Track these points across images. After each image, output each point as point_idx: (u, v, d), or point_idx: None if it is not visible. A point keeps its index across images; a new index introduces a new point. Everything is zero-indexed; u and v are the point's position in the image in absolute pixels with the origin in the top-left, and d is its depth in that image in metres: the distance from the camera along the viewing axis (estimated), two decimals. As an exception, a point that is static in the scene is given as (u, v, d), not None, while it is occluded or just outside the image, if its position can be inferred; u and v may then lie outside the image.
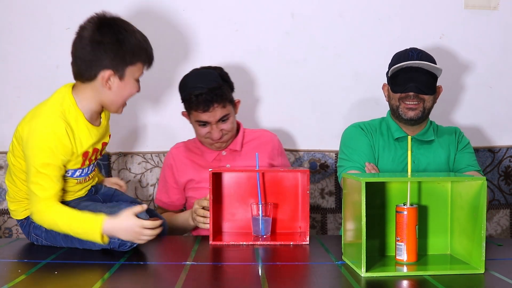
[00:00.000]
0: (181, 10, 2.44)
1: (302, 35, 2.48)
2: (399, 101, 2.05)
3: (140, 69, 1.72)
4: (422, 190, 1.57)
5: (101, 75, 1.65)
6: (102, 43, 1.63)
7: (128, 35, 1.66)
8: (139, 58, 1.69)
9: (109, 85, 1.66)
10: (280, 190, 1.87)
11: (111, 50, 1.63)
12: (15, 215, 1.78)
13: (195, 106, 1.98)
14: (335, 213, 2.51)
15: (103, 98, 1.69)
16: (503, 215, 2.56)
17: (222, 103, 1.99)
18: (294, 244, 1.72)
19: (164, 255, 1.70)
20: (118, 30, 1.65)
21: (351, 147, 2.10)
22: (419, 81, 2.00)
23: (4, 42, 2.40)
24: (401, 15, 2.49)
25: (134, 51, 1.67)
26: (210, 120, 2.00)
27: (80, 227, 1.61)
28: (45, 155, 1.61)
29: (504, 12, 2.51)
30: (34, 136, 1.62)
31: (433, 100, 2.07)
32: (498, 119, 2.56)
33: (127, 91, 1.71)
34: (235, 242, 1.75)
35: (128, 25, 1.69)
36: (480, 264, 1.40)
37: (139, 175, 2.45)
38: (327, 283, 1.38)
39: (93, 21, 1.65)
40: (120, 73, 1.66)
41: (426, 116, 2.08)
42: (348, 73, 2.50)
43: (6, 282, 1.32)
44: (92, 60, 1.64)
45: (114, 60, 1.64)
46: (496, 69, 2.54)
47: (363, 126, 2.14)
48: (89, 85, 1.67)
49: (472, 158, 2.12)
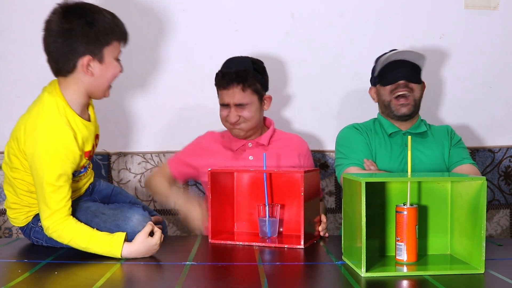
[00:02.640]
0: (181, 10, 2.44)
1: (302, 35, 2.48)
2: (390, 96, 2.09)
3: (117, 47, 1.66)
4: (422, 190, 1.57)
5: (80, 64, 1.59)
6: (72, 30, 1.56)
7: (96, 16, 1.59)
8: (113, 36, 1.62)
9: (90, 71, 1.61)
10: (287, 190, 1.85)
11: (82, 34, 1.57)
12: (16, 222, 1.76)
13: (219, 82, 2.06)
14: (335, 213, 2.51)
15: (88, 86, 1.64)
16: (503, 215, 2.56)
17: (242, 86, 2.02)
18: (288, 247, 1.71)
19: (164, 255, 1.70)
20: (85, 13, 1.58)
21: (347, 146, 2.11)
22: (406, 71, 2.07)
23: (4, 42, 2.40)
24: (401, 15, 2.49)
25: (106, 30, 1.60)
26: (229, 101, 2.04)
27: (99, 247, 1.58)
28: (56, 168, 1.57)
29: (504, 12, 2.51)
30: (41, 151, 1.56)
31: (421, 91, 2.12)
32: (498, 119, 2.56)
33: (110, 73, 1.65)
34: (232, 242, 1.74)
35: (93, 6, 1.63)
36: (480, 264, 1.40)
37: (139, 175, 2.45)
38: (327, 283, 1.38)
39: (57, 12, 1.59)
40: (99, 56, 1.60)
41: (417, 110, 2.12)
42: (348, 73, 2.50)
43: (6, 282, 1.32)
44: (67, 51, 1.58)
45: (89, 44, 1.58)
46: (496, 69, 2.53)
47: (358, 126, 2.17)
48: (71, 77, 1.62)
49: (466, 152, 2.15)
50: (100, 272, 1.42)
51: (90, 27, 1.57)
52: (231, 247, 1.72)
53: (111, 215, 1.69)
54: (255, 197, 1.86)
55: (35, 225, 1.72)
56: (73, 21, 1.57)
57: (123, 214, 1.69)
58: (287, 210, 1.85)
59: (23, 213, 1.73)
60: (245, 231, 1.88)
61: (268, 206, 1.78)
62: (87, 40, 1.58)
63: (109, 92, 1.71)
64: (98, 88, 1.66)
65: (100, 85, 1.66)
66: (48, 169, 1.56)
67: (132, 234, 1.62)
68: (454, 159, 2.10)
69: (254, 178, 1.88)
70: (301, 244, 1.69)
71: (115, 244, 1.57)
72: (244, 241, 1.76)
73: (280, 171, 1.84)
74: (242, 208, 1.89)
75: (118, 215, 1.69)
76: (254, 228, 1.86)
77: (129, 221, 1.67)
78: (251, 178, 1.88)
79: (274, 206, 1.79)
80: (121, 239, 1.57)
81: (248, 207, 1.88)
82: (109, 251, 1.57)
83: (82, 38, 1.57)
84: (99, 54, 1.61)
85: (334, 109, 2.51)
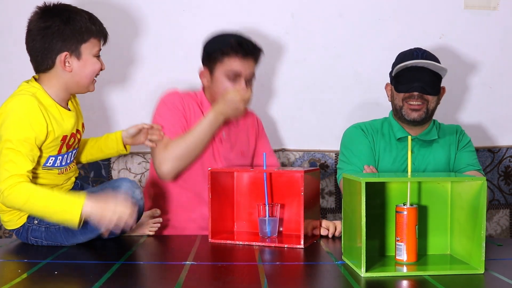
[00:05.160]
0: (181, 10, 2.44)
1: (302, 35, 2.48)
2: (403, 102, 2.03)
3: (96, 44, 1.73)
4: (422, 190, 1.57)
5: (58, 60, 1.67)
6: (49, 28, 1.66)
7: (72, 14, 1.69)
8: (90, 34, 1.71)
9: (68, 67, 1.69)
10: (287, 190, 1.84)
11: (58, 32, 1.66)
12: (10, 225, 1.75)
13: (235, 50, 1.95)
14: (335, 213, 2.51)
15: (68, 82, 1.71)
16: (503, 215, 2.56)
17: (254, 61, 2.00)
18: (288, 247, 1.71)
19: (164, 255, 1.70)
20: (61, 12, 1.68)
21: (351, 149, 2.10)
22: (424, 81, 1.98)
23: (4, 42, 2.40)
24: (401, 15, 2.49)
25: (82, 28, 1.69)
26: (244, 71, 1.97)
27: (58, 204, 1.57)
28: (20, 131, 1.60)
29: (504, 12, 2.51)
30: (9, 115, 1.62)
31: (437, 101, 2.06)
32: (498, 119, 2.56)
33: (88, 69, 1.72)
34: (232, 241, 1.74)
35: (69, 6, 1.73)
36: (480, 264, 1.40)
37: (139, 175, 2.45)
38: (327, 283, 1.38)
39: (36, 13, 1.70)
40: (76, 53, 1.69)
41: (430, 117, 2.07)
42: (348, 73, 2.50)
43: (6, 282, 1.32)
44: (45, 48, 1.67)
45: (66, 41, 1.67)
46: (496, 69, 2.53)
47: (364, 127, 2.13)
48: (51, 73, 1.70)
49: (473, 157, 2.11)
50: (100, 272, 1.42)
51: (65, 25, 1.67)
52: (231, 246, 1.72)
53: (100, 189, 1.73)
54: (255, 197, 1.86)
55: (31, 223, 1.71)
56: (50, 20, 1.67)
57: (111, 185, 1.73)
58: (287, 209, 1.84)
59: (16, 214, 1.72)
60: (245, 231, 1.88)
61: (268, 205, 1.78)
62: (63, 38, 1.67)
63: (93, 87, 1.79)
64: (79, 84, 1.73)
65: (80, 81, 1.73)
66: (11, 131, 1.60)
67: None
68: (459, 164, 2.07)
69: (254, 177, 1.87)
70: (301, 244, 1.69)
71: (76, 200, 1.57)
72: (244, 240, 1.75)
73: (280, 171, 1.84)
74: (242, 208, 1.89)
75: (107, 188, 1.72)
76: (254, 227, 1.85)
77: (119, 189, 1.69)
78: (251, 178, 1.88)
79: (274, 206, 1.79)
80: (83, 196, 1.58)
81: (248, 206, 1.87)
82: (69, 207, 1.56)
83: (59, 36, 1.67)
84: (76, 51, 1.69)
85: (334, 109, 2.51)
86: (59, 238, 1.69)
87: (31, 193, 1.58)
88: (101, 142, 1.98)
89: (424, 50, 2.06)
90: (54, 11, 1.69)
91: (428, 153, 2.08)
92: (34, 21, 1.68)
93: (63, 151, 1.74)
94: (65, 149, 1.74)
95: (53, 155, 1.71)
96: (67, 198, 1.61)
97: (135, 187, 1.73)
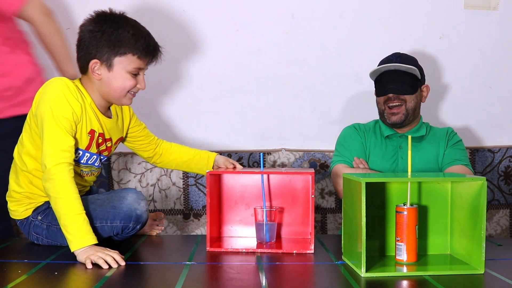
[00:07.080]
0: (181, 10, 2.44)
1: (302, 35, 2.48)
2: (384, 105, 2.10)
3: (133, 61, 1.67)
4: (422, 190, 1.57)
5: (90, 66, 1.67)
6: (91, 32, 1.67)
7: (118, 25, 1.66)
8: (128, 49, 1.66)
9: (97, 75, 1.68)
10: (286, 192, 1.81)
11: (96, 38, 1.65)
12: (15, 215, 1.78)
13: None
14: (335, 213, 2.51)
15: (100, 89, 1.71)
16: (503, 215, 2.56)
17: None
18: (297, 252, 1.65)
19: (164, 255, 1.70)
20: (109, 20, 1.67)
21: (343, 145, 2.16)
22: (399, 82, 2.05)
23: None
24: (401, 15, 2.49)
25: (121, 41, 1.65)
26: None
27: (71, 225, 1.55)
28: (59, 106, 1.61)
29: (504, 12, 2.51)
30: (46, 92, 1.63)
31: (416, 100, 2.09)
32: (498, 119, 2.56)
33: (118, 83, 1.68)
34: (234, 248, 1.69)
35: (124, 18, 1.70)
36: (480, 264, 1.40)
37: (139, 175, 2.45)
38: (327, 283, 1.38)
39: (91, 15, 1.70)
40: (107, 63, 1.66)
41: (412, 117, 2.10)
42: (348, 73, 2.50)
43: (6, 282, 1.32)
44: (84, 51, 1.68)
45: (99, 49, 1.65)
46: (496, 69, 2.54)
47: (358, 126, 2.20)
48: (87, 77, 1.71)
49: (462, 154, 2.12)
50: (100, 272, 1.43)
51: (104, 34, 1.65)
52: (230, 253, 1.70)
53: (106, 198, 1.72)
54: (253, 200, 1.81)
55: (35, 218, 1.73)
56: (97, 25, 1.66)
57: (117, 195, 1.73)
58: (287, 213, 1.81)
59: (24, 204, 1.74)
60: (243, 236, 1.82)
61: (266, 209, 1.72)
62: (98, 45, 1.65)
63: (128, 101, 1.75)
64: (109, 94, 1.71)
65: (110, 92, 1.70)
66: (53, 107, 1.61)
67: (128, 212, 1.68)
68: (446, 160, 2.10)
69: (251, 180, 1.82)
70: (311, 249, 1.64)
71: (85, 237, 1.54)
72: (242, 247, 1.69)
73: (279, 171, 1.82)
74: (239, 212, 1.83)
75: (113, 197, 1.72)
76: (252, 232, 1.78)
77: (124, 200, 1.70)
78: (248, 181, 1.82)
79: (272, 210, 1.73)
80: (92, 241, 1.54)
81: (246, 210, 1.82)
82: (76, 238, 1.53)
83: (95, 42, 1.65)
84: (108, 62, 1.66)
85: (333, 109, 2.51)
86: (59, 238, 1.69)
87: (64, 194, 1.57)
88: (191, 161, 1.95)
89: (400, 54, 2.11)
90: (105, 18, 1.67)
91: (417, 150, 2.11)
92: (87, 23, 1.69)
93: (93, 150, 1.74)
94: (95, 149, 1.74)
95: (82, 149, 1.71)
96: (82, 228, 1.56)
97: (141, 199, 1.73)
